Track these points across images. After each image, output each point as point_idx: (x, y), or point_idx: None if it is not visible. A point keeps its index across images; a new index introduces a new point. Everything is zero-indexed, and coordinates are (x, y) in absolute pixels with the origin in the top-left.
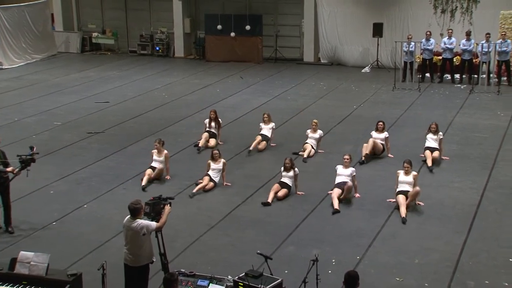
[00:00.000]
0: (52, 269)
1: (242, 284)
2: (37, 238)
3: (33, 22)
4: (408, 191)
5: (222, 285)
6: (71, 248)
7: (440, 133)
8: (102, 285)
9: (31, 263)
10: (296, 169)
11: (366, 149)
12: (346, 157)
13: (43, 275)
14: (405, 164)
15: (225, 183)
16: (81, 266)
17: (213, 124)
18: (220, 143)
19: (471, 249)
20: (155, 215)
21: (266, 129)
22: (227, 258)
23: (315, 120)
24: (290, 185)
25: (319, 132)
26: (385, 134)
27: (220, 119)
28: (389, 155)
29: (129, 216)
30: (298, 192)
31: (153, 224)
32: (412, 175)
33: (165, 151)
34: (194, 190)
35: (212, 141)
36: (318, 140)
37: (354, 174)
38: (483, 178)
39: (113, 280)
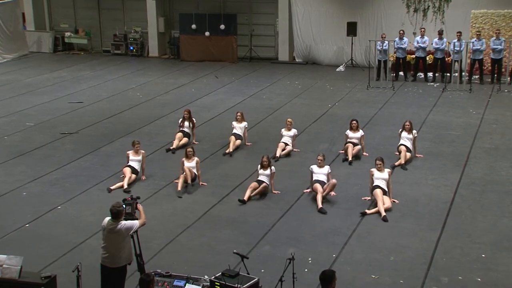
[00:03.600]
0: (26, 272)
1: (218, 283)
2: (10, 240)
3: (3, 22)
4: (384, 188)
5: (199, 285)
6: (45, 250)
7: (414, 131)
8: (77, 287)
9: (4, 266)
10: (273, 167)
11: (347, 153)
12: (320, 157)
13: (16, 278)
14: (377, 162)
15: (201, 183)
16: (55, 268)
17: (186, 123)
18: (196, 143)
19: (444, 246)
20: (134, 214)
21: (239, 128)
22: (203, 258)
23: (289, 119)
24: (268, 183)
25: (294, 130)
26: (360, 133)
27: (194, 119)
28: (364, 153)
29: (109, 218)
30: (274, 191)
31: (137, 222)
32: (386, 172)
33: (142, 151)
34: (179, 189)
35: (185, 140)
36: (293, 139)
37: (330, 171)
38: (456, 175)
39: (88, 282)
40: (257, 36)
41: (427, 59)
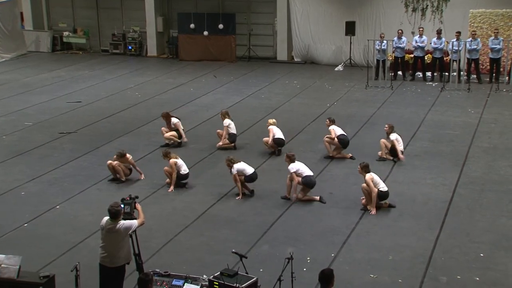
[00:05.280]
0: (24, 271)
1: (217, 283)
2: (9, 240)
3: (1, 21)
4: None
5: (197, 284)
6: (44, 250)
7: (394, 134)
8: (76, 286)
9: (2, 265)
10: (232, 169)
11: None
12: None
13: (15, 277)
14: (358, 167)
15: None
16: (54, 268)
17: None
18: (185, 140)
19: (443, 245)
20: (132, 214)
21: (232, 127)
22: (202, 257)
23: (270, 120)
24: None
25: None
26: (331, 128)
27: (174, 118)
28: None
29: (107, 218)
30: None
31: (135, 222)
32: (365, 179)
33: (128, 156)
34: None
35: (172, 134)
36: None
37: (291, 171)
38: (454, 175)
39: (87, 282)
40: (256, 36)
41: (426, 58)
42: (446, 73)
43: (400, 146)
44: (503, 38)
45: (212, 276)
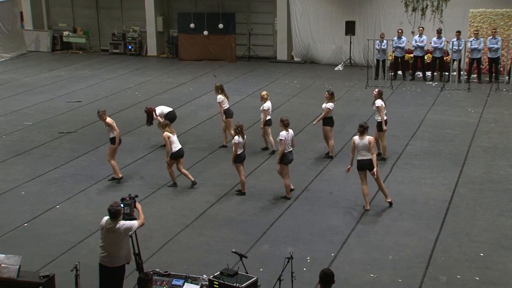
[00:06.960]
0: (24, 271)
1: (217, 283)
2: (9, 239)
3: (1, 21)
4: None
5: (197, 284)
6: (44, 250)
7: (379, 100)
8: (76, 286)
9: (2, 265)
10: (235, 136)
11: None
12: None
13: (15, 277)
14: (359, 127)
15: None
16: (53, 268)
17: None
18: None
19: (443, 245)
20: (132, 214)
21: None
22: (202, 257)
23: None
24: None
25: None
26: (328, 105)
27: (154, 117)
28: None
29: (107, 218)
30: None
31: (135, 223)
32: (367, 139)
33: (107, 120)
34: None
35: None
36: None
37: (280, 138)
38: (454, 174)
39: (86, 281)
40: (256, 35)
41: (426, 58)
42: (446, 73)
43: (383, 115)
44: (503, 38)
45: (212, 276)
